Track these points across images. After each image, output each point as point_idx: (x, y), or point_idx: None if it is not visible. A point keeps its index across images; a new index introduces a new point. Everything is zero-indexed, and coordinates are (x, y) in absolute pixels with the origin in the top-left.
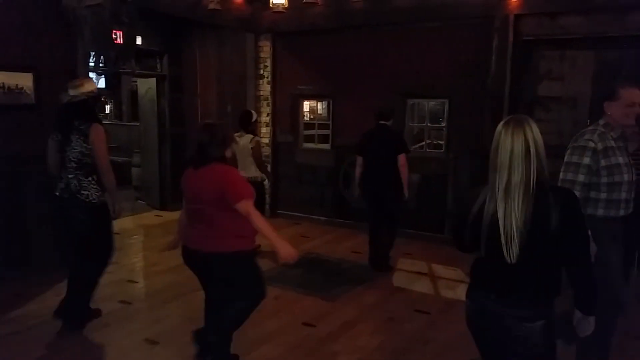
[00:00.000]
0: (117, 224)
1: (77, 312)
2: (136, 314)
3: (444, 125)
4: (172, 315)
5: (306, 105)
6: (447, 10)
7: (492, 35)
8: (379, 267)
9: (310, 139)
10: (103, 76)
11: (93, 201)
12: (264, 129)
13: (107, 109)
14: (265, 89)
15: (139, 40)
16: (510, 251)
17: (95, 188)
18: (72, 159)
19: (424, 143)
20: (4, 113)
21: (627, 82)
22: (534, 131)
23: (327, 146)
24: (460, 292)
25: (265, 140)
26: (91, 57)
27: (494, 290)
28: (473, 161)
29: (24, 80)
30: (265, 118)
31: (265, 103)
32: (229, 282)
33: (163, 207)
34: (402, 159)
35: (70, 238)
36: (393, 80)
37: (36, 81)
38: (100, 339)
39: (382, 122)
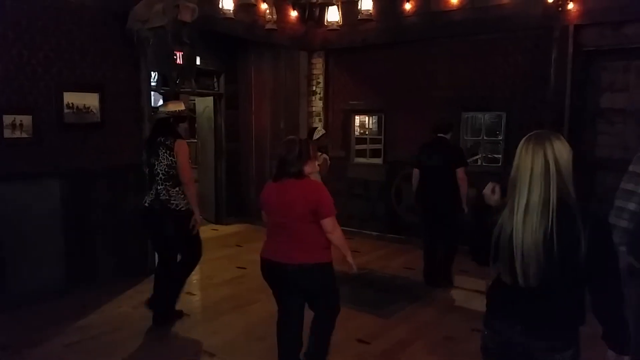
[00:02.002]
0: None
1: (164, 309)
2: (194, 325)
3: (500, 138)
4: (229, 327)
5: (357, 120)
6: (504, 22)
7: (551, 46)
8: (437, 283)
9: (361, 153)
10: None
11: (182, 209)
12: None
13: None
14: (318, 104)
15: (197, 61)
16: (528, 275)
17: (182, 197)
18: (160, 171)
19: (478, 157)
20: (72, 131)
21: None
22: (555, 149)
23: (379, 161)
24: None
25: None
26: (153, 77)
27: (519, 321)
28: None
29: (91, 100)
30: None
31: (317, 119)
32: (315, 294)
33: (218, 221)
34: (460, 172)
35: (160, 244)
36: (447, 93)
37: (102, 101)
38: (159, 350)
39: (441, 134)
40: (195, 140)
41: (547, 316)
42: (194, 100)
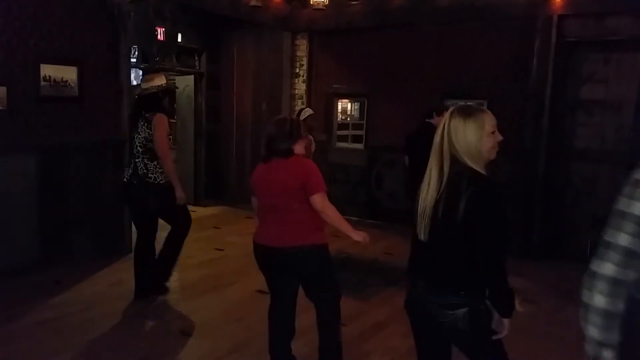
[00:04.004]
0: None
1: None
2: (171, 305)
3: None
4: (207, 307)
5: (339, 106)
6: (488, 10)
7: (534, 36)
8: None
9: (343, 138)
10: (142, 72)
11: (161, 182)
12: None
13: None
14: (300, 87)
15: (179, 38)
16: (422, 232)
17: (161, 171)
18: (138, 144)
19: None
20: (49, 105)
21: None
22: (451, 125)
23: (360, 146)
24: None
25: None
26: (133, 53)
27: (421, 277)
28: (512, 163)
29: (69, 74)
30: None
31: (300, 102)
32: (311, 279)
33: (197, 202)
34: None
35: (141, 220)
36: (431, 80)
37: (80, 74)
38: (135, 330)
39: (429, 120)
40: (175, 120)
41: (440, 273)
42: (174, 78)
